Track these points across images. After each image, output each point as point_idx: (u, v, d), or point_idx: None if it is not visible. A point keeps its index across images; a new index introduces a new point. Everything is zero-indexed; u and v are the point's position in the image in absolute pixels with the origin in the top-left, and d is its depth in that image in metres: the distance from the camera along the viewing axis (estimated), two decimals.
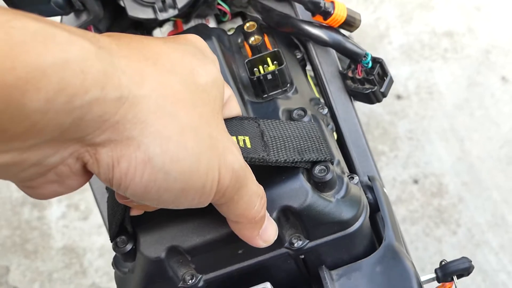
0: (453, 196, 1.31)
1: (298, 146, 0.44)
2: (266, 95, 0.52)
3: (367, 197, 0.52)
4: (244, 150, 0.41)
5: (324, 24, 0.55)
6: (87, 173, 0.34)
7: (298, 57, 0.59)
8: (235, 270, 0.47)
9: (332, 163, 0.46)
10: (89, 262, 1.32)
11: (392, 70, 1.45)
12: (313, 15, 0.54)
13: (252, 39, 0.56)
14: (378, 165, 1.35)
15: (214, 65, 0.39)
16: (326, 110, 0.54)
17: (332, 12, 0.53)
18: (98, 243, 1.34)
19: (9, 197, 1.40)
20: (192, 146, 0.34)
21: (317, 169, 0.44)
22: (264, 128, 0.44)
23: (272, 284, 0.46)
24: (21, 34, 0.28)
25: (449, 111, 1.39)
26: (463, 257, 0.50)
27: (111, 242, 0.47)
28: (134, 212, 0.44)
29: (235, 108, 0.44)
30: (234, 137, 0.42)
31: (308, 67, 0.61)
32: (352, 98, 0.58)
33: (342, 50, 0.54)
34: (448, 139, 1.36)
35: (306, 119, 0.48)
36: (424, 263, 1.25)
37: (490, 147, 1.35)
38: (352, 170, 0.56)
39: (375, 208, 0.52)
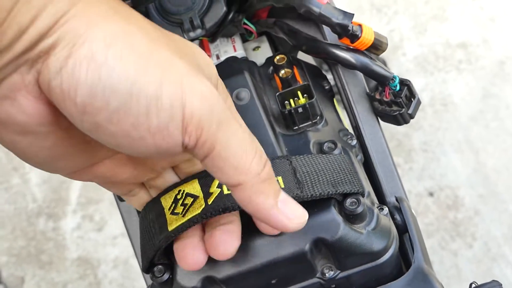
0: (469, 209, 1.30)
1: (331, 179, 0.45)
2: (296, 127, 0.53)
3: (395, 218, 0.53)
4: None
5: (351, 48, 0.55)
6: (40, 95, 0.33)
7: (326, 87, 0.60)
8: None
9: (363, 196, 0.47)
10: (103, 274, 1.32)
11: None
12: (340, 37, 0.54)
13: (282, 72, 0.57)
14: None
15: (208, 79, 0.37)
16: (355, 141, 0.55)
17: (359, 35, 0.53)
18: (113, 254, 1.34)
19: (24, 207, 1.40)
20: (141, 48, 0.33)
21: (348, 201, 0.46)
22: (297, 164, 0.45)
23: None
24: None
25: (464, 122, 1.39)
26: (493, 280, 0.50)
27: (144, 272, 0.47)
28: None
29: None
30: None
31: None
32: (379, 118, 0.58)
33: (370, 73, 0.54)
34: (463, 151, 1.36)
35: (336, 151, 0.49)
36: (440, 276, 1.23)
37: (506, 159, 1.34)
38: (379, 191, 0.56)
39: (402, 230, 0.52)
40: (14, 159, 1.46)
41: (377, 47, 0.53)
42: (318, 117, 0.53)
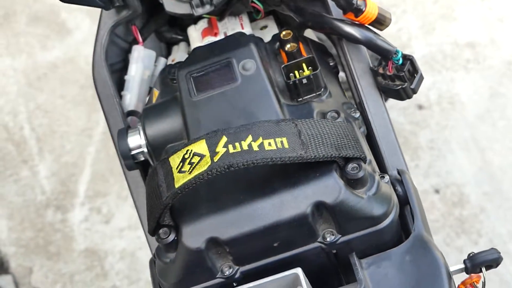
0: (474, 206, 1.30)
1: (335, 143, 0.46)
2: (301, 99, 0.54)
3: (397, 190, 0.54)
4: (282, 150, 0.44)
5: (355, 22, 0.56)
6: None
7: (331, 64, 0.61)
8: (270, 262, 0.49)
9: (365, 162, 0.48)
10: (110, 265, 1.33)
11: None
12: (345, 12, 0.55)
13: (288, 46, 0.58)
14: None
15: None
16: (358, 114, 0.56)
17: (363, 9, 0.54)
18: (120, 246, 1.35)
19: (33, 199, 1.42)
20: None
21: (350, 166, 0.47)
22: (302, 127, 0.46)
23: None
24: None
25: (471, 121, 1.39)
26: (492, 248, 0.51)
27: (150, 234, 0.48)
28: None
29: None
30: (272, 140, 0.44)
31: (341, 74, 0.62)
32: (382, 94, 0.59)
33: (373, 47, 0.55)
34: (470, 149, 1.36)
35: (339, 120, 0.51)
36: None
37: (511, 158, 1.34)
38: (381, 164, 0.57)
39: (404, 201, 0.53)
40: (24, 152, 1.48)
41: (380, 21, 0.54)
42: (322, 89, 0.54)
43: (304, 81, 0.53)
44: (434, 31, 1.50)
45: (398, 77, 0.55)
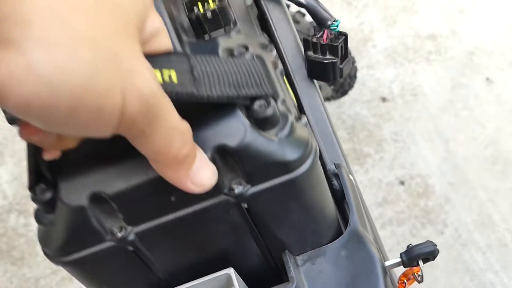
0: (439, 197, 1.31)
1: (235, 82, 0.39)
2: (207, 37, 0.46)
3: (333, 184, 0.51)
4: (169, 84, 0.37)
5: None
6: None
7: (247, 3, 0.54)
8: (169, 221, 0.42)
9: (276, 100, 0.41)
10: None
11: (376, 73, 1.46)
12: None
13: None
14: (364, 167, 1.36)
15: None
16: (274, 53, 0.49)
17: None
18: None
19: None
20: (86, 58, 0.29)
21: (256, 104, 0.40)
22: (195, 63, 0.39)
23: (218, 244, 0.44)
24: None
25: (434, 112, 1.40)
26: (427, 241, 0.50)
27: (29, 191, 0.41)
28: (47, 155, 0.39)
29: (164, 43, 0.38)
30: (158, 70, 0.37)
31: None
32: (317, 84, 0.58)
33: (314, 12, 0.55)
34: (433, 140, 1.37)
35: (247, 56, 0.42)
36: None
37: (475, 148, 1.36)
38: (319, 158, 0.55)
39: (341, 195, 0.51)
40: None
41: None
42: (231, 24, 0.47)
43: (209, 14, 0.45)
44: (396, 24, 1.51)
45: (331, 48, 0.54)
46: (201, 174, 0.37)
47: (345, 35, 0.55)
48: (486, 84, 1.42)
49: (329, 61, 0.54)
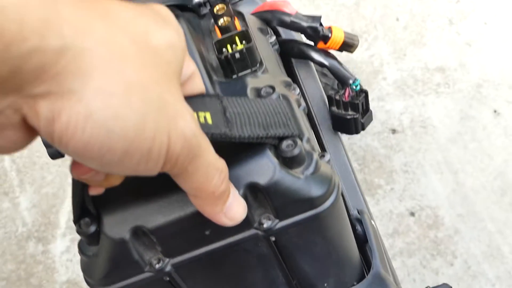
0: (449, 228, 1.34)
1: (264, 122, 0.42)
2: (235, 76, 0.50)
3: (357, 229, 0.56)
4: (205, 126, 0.39)
5: (323, 49, 0.60)
6: (28, 128, 0.32)
7: (270, 41, 0.58)
8: (204, 253, 0.45)
9: (301, 139, 0.44)
10: None
11: (386, 105, 1.50)
12: (315, 42, 0.59)
13: (221, 20, 0.54)
14: (375, 198, 1.39)
15: (175, 32, 0.37)
16: (298, 91, 0.52)
17: (330, 35, 0.58)
18: None
19: (14, 231, 1.43)
20: (138, 104, 0.32)
21: (284, 144, 0.43)
22: (228, 104, 0.42)
23: (248, 275, 0.46)
24: None
25: (443, 144, 1.44)
26: (444, 284, 0.53)
27: (75, 224, 0.44)
28: (93, 191, 0.42)
29: (198, 86, 0.42)
30: (195, 113, 0.39)
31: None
32: (340, 136, 0.62)
33: (336, 72, 0.59)
34: (443, 172, 1.40)
35: (274, 96, 0.46)
36: None
37: (483, 179, 1.39)
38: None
39: (364, 239, 0.55)
40: (4, 183, 1.48)
41: (349, 44, 0.58)
42: (257, 65, 0.50)
43: (237, 55, 0.49)
44: (405, 56, 1.55)
45: (353, 105, 0.58)
46: (234, 209, 0.40)
47: (365, 92, 0.58)
48: (494, 116, 1.46)
49: (351, 117, 0.57)
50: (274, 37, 0.58)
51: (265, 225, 0.44)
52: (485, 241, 1.32)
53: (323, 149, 0.60)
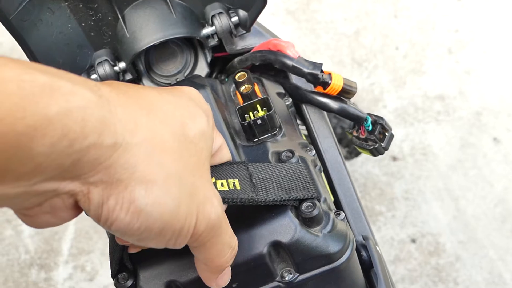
0: (450, 255, 1.34)
1: (286, 186, 0.48)
2: (257, 139, 0.55)
3: (362, 255, 0.57)
4: (234, 192, 0.45)
5: (329, 94, 0.61)
6: (78, 208, 0.37)
7: (287, 103, 0.62)
8: None
9: (319, 200, 0.49)
10: None
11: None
12: (315, 86, 0.60)
13: (242, 88, 0.59)
14: (376, 225, 1.39)
15: (205, 117, 0.43)
16: (313, 152, 0.57)
17: (329, 82, 0.59)
18: None
19: (17, 258, 1.43)
20: (174, 192, 0.37)
21: (304, 206, 0.48)
22: (253, 170, 0.48)
23: None
24: (31, 86, 0.31)
25: (444, 171, 1.45)
26: None
27: (113, 279, 0.49)
28: (132, 250, 0.47)
29: (226, 155, 0.48)
30: (225, 180, 0.45)
31: (302, 127, 0.66)
32: (345, 163, 0.63)
33: (346, 115, 0.60)
34: (443, 199, 1.41)
35: (294, 160, 0.51)
36: None
37: (484, 206, 1.39)
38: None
39: (369, 265, 0.57)
40: (8, 211, 1.49)
41: (347, 91, 0.59)
42: (277, 129, 0.55)
43: (259, 122, 0.55)
44: (405, 85, 1.57)
45: (370, 139, 0.60)
46: (225, 277, 0.46)
47: (380, 123, 0.60)
48: (494, 144, 1.47)
49: (372, 148, 0.59)
50: (290, 100, 0.63)
51: (286, 278, 0.48)
52: (486, 268, 1.32)
53: (328, 176, 0.62)
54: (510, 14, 1.62)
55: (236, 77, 0.60)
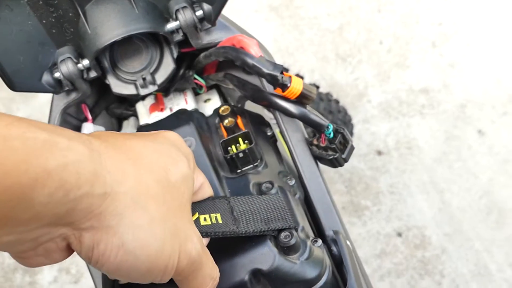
0: (436, 248, 1.34)
1: (265, 217, 0.51)
2: (239, 171, 0.58)
3: (332, 250, 0.57)
4: (216, 226, 0.48)
5: (291, 99, 0.60)
6: (70, 250, 0.40)
7: (268, 134, 0.64)
8: None
9: (296, 230, 0.52)
10: None
11: (372, 127, 1.51)
12: (274, 87, 0.60)
13: (226, 121, 0.62)
14: (362, 220, 1.39)
15: (186, 161, 0.46)
16: (293, 181, 0.59)
17: (288, 85, 0.58)
18: None
19: (1, 263, 1.42)
20: (159, 234, 0.41)
21: (282, 235, 0.51)
22: (234, 204, 0.51)
23: None
24: (34, 143, 0.35)
25: (428, 164, 1.44)
26: None
27: None
28: (122, 281, 0.50)
29: (207, 192, 0.51)
30: (207, 215, 0.49)
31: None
32: (317, 161, 0.62)
33: (307, 121, 0.59)
34: (429, 192, 1.41)
35: (273, 191, 0.54)
36: None
37: (469, 198, 1.39)
38: (318, 225, 0.60)
39: (340, 260, 0.57)
40: None
41: (306, 96, 0.59)
42: (258, 161, 0.58)
43: (241, 155, 0.57)
44: (389, 79, 1.57)
45: (330, 148, 0.59)
46: None
47: (341, 132, 0.59)
48: (478, 136, 1.47)
49: (332, 157, 0.59)
50: (272, 131, 0.65)
51: None
52: (472, 260, 1.32)
53: (299, 173, 0.62)
54: (493, 7, 1.62)
55: (220, 110, 0.63)
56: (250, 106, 0.71)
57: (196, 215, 0.49)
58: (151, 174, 0.42)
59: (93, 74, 0.61)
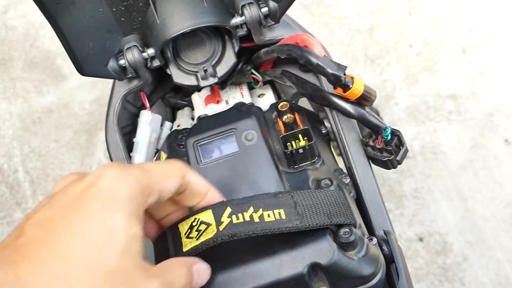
0: (457, 255, 1.34)
1: (327, 212, 0.51)
2: (297, 166, 0.59)
3: (383, 249, 0.58)
4: (280, 221, 0.49)
5: (349, 99, 0.60)
6: None
7: (323, 132, 0.66)
8: None
9: (355, 227, 0.53)
10: None
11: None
12: (335, 87, 0.60)
13: (285, 117, 0.63)
14: None
15: (122, 217, 0.42)
16: (348, 180, 0.60)
17: (350, 86, 0.59)
18: None
19: None
20: None
21: (342, 231, 0.52)
22: (297, 198, 0.51)
23: None
24: None
25: (454, 171, 1.45)
26: None
27: None
28: None
29: (217, 197, 0.50)
30: (271, 211, 0.50)
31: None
32: (370, 161, 0.63)
33: (365, 122, 0.60)
34: (453, 199, 1.41)
35: (332, 188, 0.55)
36: None
37: (493, 207, 1.39)
38: (369, 225, 0.61)
39: (390, 260, 0.58)
40: (18, 194, 1.49)
41: (366, 98, 0.59)
42: (316, 158, 0.59)
43: (300, 151, 0.58)
44: (418, 82, 1.57)
45: (386, 150, 0.60)
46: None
47: (397, 135, 0.59)
48: (505, 145, 1.47)
49: (387, 159, 0.59)
50: (326, 129, 0.67)
51: None
52: (493, 269, 1.32)
53: (352, 173, 0.64)
54: None
55: (279, 106, 0.63)
56: (300, 103, 0.71)
57: (260, 211, 0.49)
58: (84, 278, 0.39)
59: (156, 63, 0.61)
